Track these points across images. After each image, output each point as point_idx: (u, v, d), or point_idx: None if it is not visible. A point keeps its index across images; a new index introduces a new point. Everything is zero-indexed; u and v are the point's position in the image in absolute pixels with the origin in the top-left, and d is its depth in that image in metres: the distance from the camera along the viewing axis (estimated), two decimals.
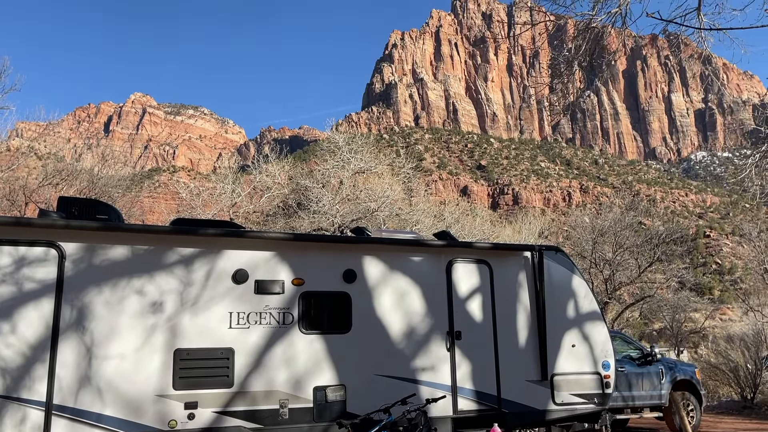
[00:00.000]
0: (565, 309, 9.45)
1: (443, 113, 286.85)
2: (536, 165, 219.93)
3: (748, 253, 49.51)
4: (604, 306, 35.66)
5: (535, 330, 9.13)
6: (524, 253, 9.56)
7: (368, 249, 8.73)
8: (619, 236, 37.45)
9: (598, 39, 11.11)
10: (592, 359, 9.25)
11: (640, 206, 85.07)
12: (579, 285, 9.63)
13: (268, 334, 7.88)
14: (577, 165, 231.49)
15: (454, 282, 9.01)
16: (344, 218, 28.64)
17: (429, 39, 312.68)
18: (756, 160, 12.12)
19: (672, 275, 42.14)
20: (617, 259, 36.95)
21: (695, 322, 58.28)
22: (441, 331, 8.75)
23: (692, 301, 54.60)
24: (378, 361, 8.36)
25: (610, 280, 36.52)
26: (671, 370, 14.32)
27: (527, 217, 55.71)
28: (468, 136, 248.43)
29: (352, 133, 40.67)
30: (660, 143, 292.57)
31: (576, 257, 39.53)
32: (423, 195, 45.92)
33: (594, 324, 9.48)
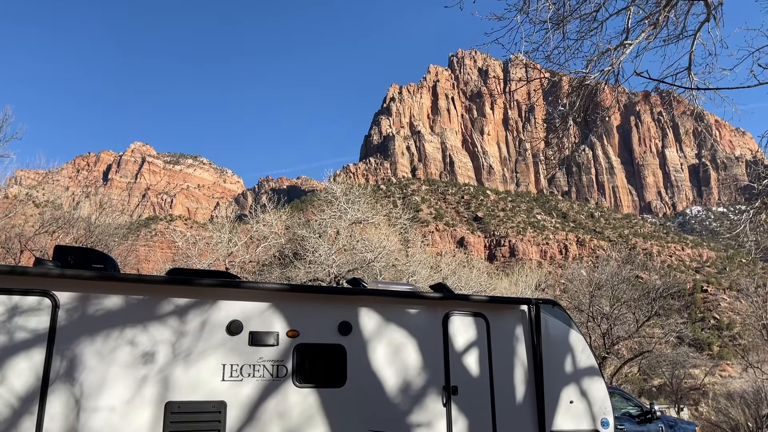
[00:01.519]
0: (562, 364, 9.33)
1: (440, 165, 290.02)
2: (532, 217, 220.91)
3: (746, 309, 49.28)
4: (602, 361, 35.22)
5: (532, 385, 8.99)
6: (521, 306, 9.51)
7: (364, 301, 8.68)
8: (617, 290, 37.32)
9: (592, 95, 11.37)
10: (591, 416, 9.08)
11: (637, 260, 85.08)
12: (576, 339, 9.54)
13: (262, 387, 7.74)
14: (573, 218, 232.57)
15: (450, 335, 8.92)
16: (340, 268, 28.56)
17: (426, 93, 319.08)
18: (750, 216, 12.23)
19: (670, 330, 41.83)
20: (615, 313, 36.70)
21: (695, 378, 57.50)
22: (437, 385, 8.61)
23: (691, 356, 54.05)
24: (373, 416, 8.19)
25: (607, 335, 36.18)
26: (672, 428, 14.07)
27: (524, 270, 55.63)
28: (464, 188, 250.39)
29: (349, 184, 40.97)
30: (655, 197, 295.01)
31: (573, 311, 39.28)
32: (419, 246, 45.93)
33: (592, 380, 9.34)
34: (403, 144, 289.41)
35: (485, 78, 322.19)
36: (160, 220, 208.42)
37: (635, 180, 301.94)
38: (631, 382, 52.32)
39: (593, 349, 34.60)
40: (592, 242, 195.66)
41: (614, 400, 14.13)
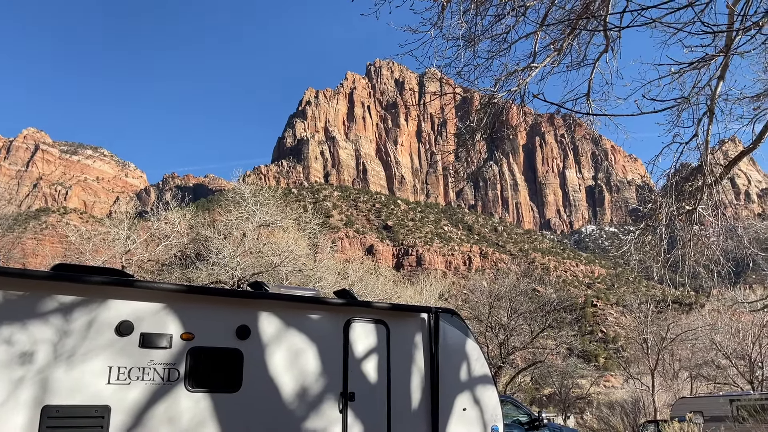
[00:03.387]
0: (458, 372, 9.57)
1: (353, 172, 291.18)
2: (440, 228, 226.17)
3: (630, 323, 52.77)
4: (497, 370, 36.48)
5: (428, 393, 9.15)
6: (421, 314, 9.67)
7: (264, 305, 8.52)
8: (515, 302, 38.73)
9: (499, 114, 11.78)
10: (482, 423, 9.36)
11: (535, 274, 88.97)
12: (472, 349, 9.81)
13: (151, 392, 7.40)
14: (478, 231, 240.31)
15: (351, 342, 8.93)
16: (245, 271, 27.93)
17: (343, 99, 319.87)
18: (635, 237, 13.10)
19: (562, 342, 43.84)
20: (512, 324, 38.08)
21: (582, 388, 60.79)
22: (335, 391, 8.58)
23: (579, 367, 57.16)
24: (268, 421, 8.05)
25: (504, 345, 37.50)
26: None
27: (429, 279, 56.70)
28: (376, 196, 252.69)
29: (259, 185, 40.18)
30: (554, 215, 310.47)
31: (473, 321, 40.50)
32: (328, 252, 45.79)
33: (485, 388, 9.64)
34: (317, 149, 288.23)
35: (401, 89, 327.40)
36: (52, 212, 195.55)
37: (537, 197, 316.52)
38: (524, 390, 54.55)
39: (488, 358, 35.83)
40: (494, 255, 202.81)
41: (507, 408, 14.68)
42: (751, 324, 41.25)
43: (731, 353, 41.63)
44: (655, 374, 40.95)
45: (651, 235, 12.38)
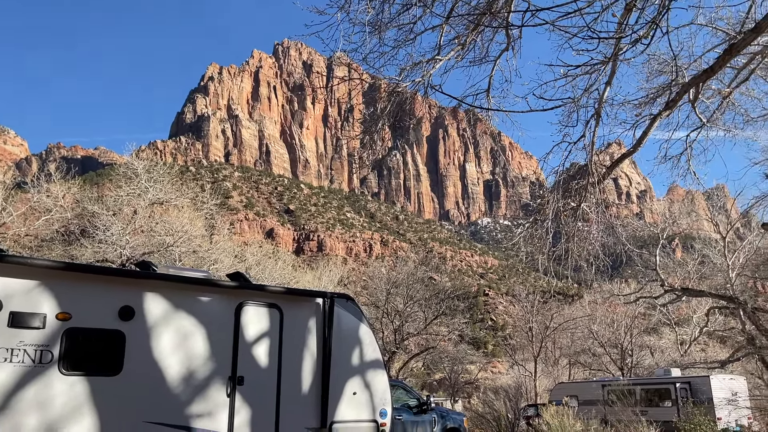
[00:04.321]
0: (350, 357, 9.66)
1: (256, 153, 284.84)
2: (342, 215, 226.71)
3: (518, 312, 55.53)
4: (391, 355, 37.22)
5: (319, 377, 9.17)
6: (316, 299, 9.65)
7: (151, 285, 8.17)
8: (411, 289, 39.60)
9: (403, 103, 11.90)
10: (371, 407, 9.51)
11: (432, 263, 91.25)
12: (365, 334, 9.93)
13: (20, 374, 6.91)
14: (380, 219, 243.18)
15: (242, 325, 8.77)
16: (135, 251, 26.65)
17: (248, 78, 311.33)
18: (525, 230, 13.72)
19: (454, 329, 45.30)
20: (407, 311, 38.93)
21: (470, 373, 63.32)
22: (223, 375, 8.41)
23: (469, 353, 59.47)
24: (150, 406, 7.75)
25: (399, 331, 38.27)
26: (443, 418, 15.31)
27: (329, 265, 56.75)
28: (279, 179, 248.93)
29: (155, 161, 38.37)
30: (454, 206, 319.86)
31: (370, 307, 41.00)
32: (226, 234, 44.62)
33: (376, 373, 9.80)
34: (218, 126, 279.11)
35: (309, 72, 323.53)
36: None
37: (438, 188, 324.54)
38: (416, 376, 56.12)
39: (383, 344, 36.45)
40: (395, 243, 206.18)
41: (397, 392, 15.00)
42: (624, 315, 44.67)
43: (606, 342, 44.91)
44: (537, 361, 43.43)
45: (539, 228, 13.03)
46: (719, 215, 36.35)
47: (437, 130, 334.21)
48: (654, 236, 32.97)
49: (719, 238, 29.95)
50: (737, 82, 13.41)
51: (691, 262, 36.17)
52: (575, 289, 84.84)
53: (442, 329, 44.63)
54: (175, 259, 27.44)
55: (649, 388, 28.02)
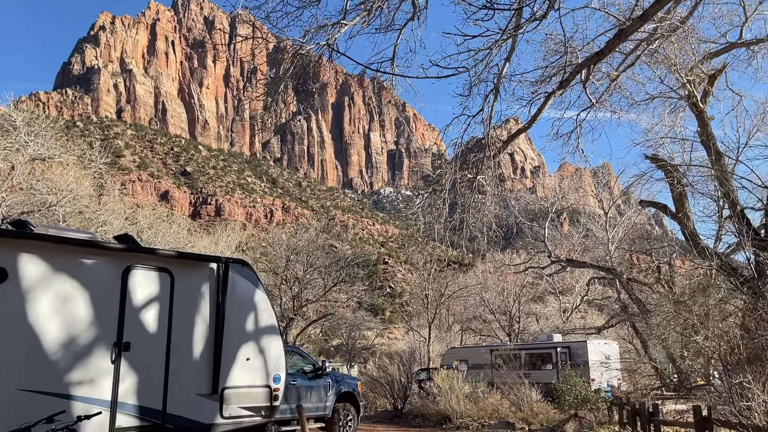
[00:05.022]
0: (244, 323, 9.52)
1: (151, 111, 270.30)
2: (243, 179, 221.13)
3: (415, 280, 57.06)
4: (289, 322, 37.15)
5: (211, 343, 8.98)
6: (210, 264, 9.39)
7: (27, 246, 7.59)
8: (312, 256, 39.50)
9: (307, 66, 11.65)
10: (265, 373, 9.46)
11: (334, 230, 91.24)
12: (261, 300, 9.80)
13: None
14: (282, 185, 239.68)
15: (129, 289, 8.38)
16: (12, 209, 24.68)
17: (143, 30, 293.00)
18: (423, 200, 14.00)
19: (353, 296, 45.85)
20: (307, 278, 38.89)
21: (367, 339, 64.59)
22: (108, 341, 8.03)
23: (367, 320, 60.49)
24: (25, 374, 7.27)
25: (297, 297, 38.19)
26: (338, 383, 15.53)
27: (227, 230, 55.36)
28: (175, 139, 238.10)
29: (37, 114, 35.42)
30: (357, 175, 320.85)
31: (269, 273, 40.56)
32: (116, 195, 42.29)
33: (270, 338, 9.73)
34: (110, 80, 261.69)
35: (210, 28, 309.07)
36: None
37: (342, 156, 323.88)
38: (314, 342, 56.44)
39: (282, 310, 36.28)
40: (296, 210, 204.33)
41: (294, 358, 15.01)
42: (514, 284, 47.05)
43: (496, 309, 47.20)
44: (432, 327, 44.99)
45: (437, 199, 13.34)
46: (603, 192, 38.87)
47: (343, 97, 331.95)
48: (544, 210, 34.75)
49: (602, 214, 32.01)
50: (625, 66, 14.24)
51: (576, 235, 38.52)
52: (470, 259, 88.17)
53: (342, 296, 45.01)
54: (58, 219, 25.71)
55: (533, 353, 29.83)
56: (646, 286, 26.97)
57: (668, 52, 15.24)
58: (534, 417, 19.35)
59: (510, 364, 26.01)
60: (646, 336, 24.04)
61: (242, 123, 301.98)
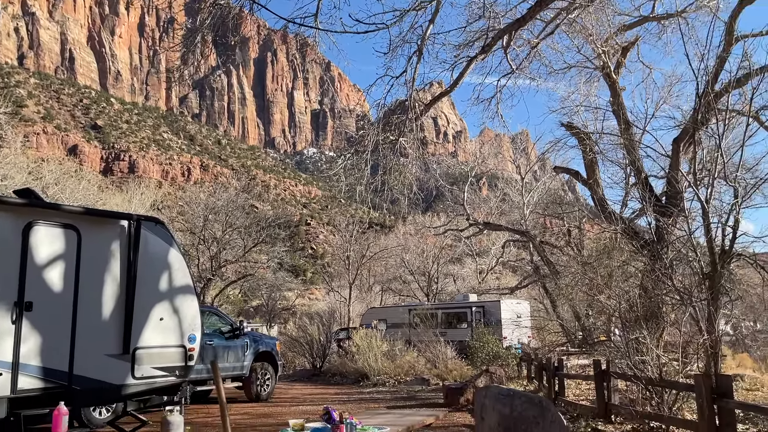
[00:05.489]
0: (158, 282, 9.23)
1: (57, 59, 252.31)
2: (158, 135, 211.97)
3: (337, 242, 57.23)
4: (207, 282, 36.50)
5: (122, 302, 8.67)
6: (121, 221, 8.99)
7: None
8: (231, 216, 38.79)
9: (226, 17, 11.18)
10: (179, 332, 9.26)
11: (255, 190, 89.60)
12: (175, 259, 9.51)
13: None
14: (201, 142, 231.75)
15: (31, 247, 7.91)
16: None
17: None
18: (345, 161, 13.92)
19: (274, 257, 45.51)
20: (226, 238, 38.22)
21: (288, 300, 64.55)
22: (7, 301, 7.58)
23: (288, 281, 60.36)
24: None
25: (216, 258, 37.51)
26: (256, 342, 15.48)
27: (141, 188, 53.17)
28: (85, 90, 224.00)
29: None
30: (279, 134, 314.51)
31: (186, 233, 39.50)
32: (18, 148, 39.55)
33: (185, 298, 9.50)
34: (10, 23, 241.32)
35: None
36: None
37: (264, 115, 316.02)
38: (233, 303, 55.82)
39: (197, 271, 35.50)
40: (216, 168, 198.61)
41: (211, 318, 14.80)
42: (433, 246, 48.16)
43: (415, 270, 48.27)
44: (353, 288, 45.46)
45: (359, 160, 13.32)
46: (521, 158, 40.09)
47: (265, 53, 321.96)
48: (464, 174, 35.51)
49: (519, 179, 33.07)
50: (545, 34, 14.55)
51: (494, 200, 39.67)
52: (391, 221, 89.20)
53: (262, 257, 44.57)
54: None
55: (449, 312, 30.81)
56: (557, 249, 28.30)
57: (586, 22, 15.70)
58: (448, 373, 20.09)
59: (427, 323, 26.77)
60: (555, 296, 25.31)
61: (158, 76, 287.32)
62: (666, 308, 14.91)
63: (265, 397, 15.61)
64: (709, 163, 14.10)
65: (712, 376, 8.44)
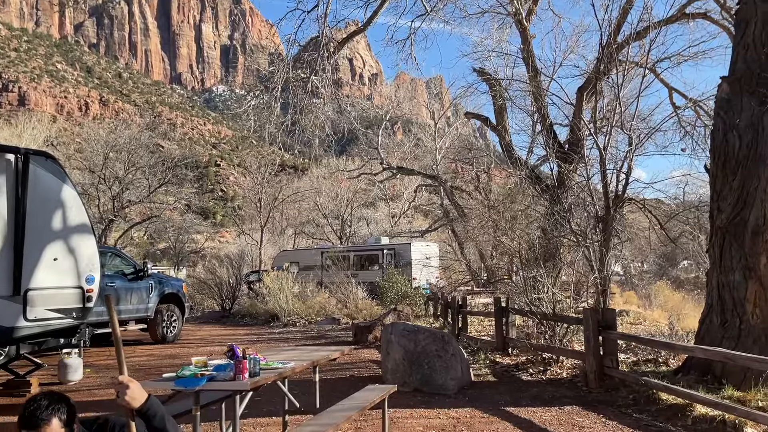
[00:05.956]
0: (50, 220, 8.68)
1: None
2: (52, 65, 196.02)
3: (248, 184, 56.03)
4: (109, 223, 34.94)
5: (10, 241, 8.10)
6: (6, 155, 8.30)
7: None
8: (134, 155, 37.05)
9: None
10: (76, 273, 8.83)
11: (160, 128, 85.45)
12: (70, 196, 8.96)
13: None
14: (100, 75, 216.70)
15: None
16: None
17: None
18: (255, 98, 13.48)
19: (181, 198, 44.11)
20: (129, 178, 36.56)
21: (197, 243, 63.06)
22: None
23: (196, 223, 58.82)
24: None
25: (118, 198, 35.88)
26: (161, 284, 15.07)
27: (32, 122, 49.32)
28: None
29: None
30: (186, 70, 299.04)
31: (84, 171, 37.31)
32: None
33: (82, 238, 9.02)
34: None
35: None
36: None
37: (170, 48, 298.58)
38: (138, 245, 53.90)
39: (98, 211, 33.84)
40: (117, 104, 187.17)
41: (114, 260, 14.20)
42: (347, 189, 48.21)
43: (329, 213, 48.28)
44: (264, 231, 44.95)
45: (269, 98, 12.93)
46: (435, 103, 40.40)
47: None
48: (379, 118, 35.43)
49: (432, 124, 33.40)
50: None
51: (407, 144, 39.98)
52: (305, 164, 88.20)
53: (169, 198, 43.07)
54: None
55: (361, 254, 31.23)
56: (466, 193, 29.13)
57: None
58: (358, 313, 20.52)
59: (339, 265, 27.04)
60: (463, 238, 26.20)
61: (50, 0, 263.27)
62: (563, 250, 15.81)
63: (172, 339, 15.36)
64: (609, 113, 14.80)
65: (598, 310, 9.10)
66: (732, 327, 7.67)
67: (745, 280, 7.56)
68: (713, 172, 8.29)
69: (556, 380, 9.13)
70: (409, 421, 6.85)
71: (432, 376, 8.70)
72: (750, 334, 7.46)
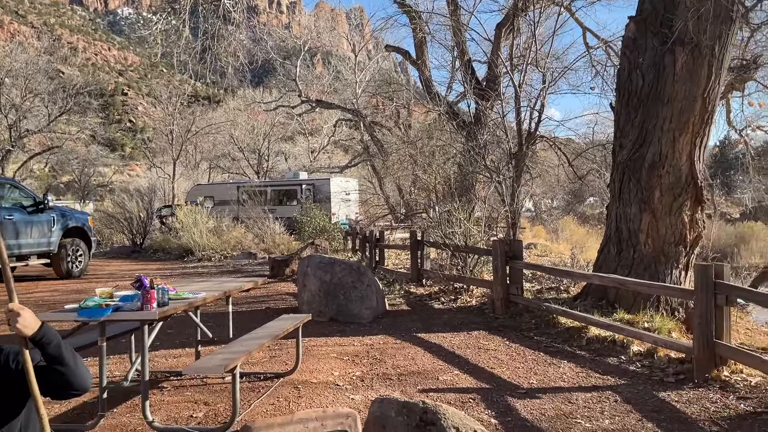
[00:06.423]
0: None
1: None
2: None
3: (159, 114, 53.40)
4: (6, 154, 32.73)
5: None
6: None
7: None
8: (32, 81, 34.68)
9: None
10: None
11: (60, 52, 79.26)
12: None
13: None
14: None
15: None
16: None
17: None
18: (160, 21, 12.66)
19: (84, 128, 41.70)
20: (26, 105, 34.23)
21: (104, 176, 60.05)
22: None
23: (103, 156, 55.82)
24: None
25: (15, 127, 33.51)
26: (64, 217, 14.32)
27: None
28: None
29: None
30: None
31: None
32: None
33: None
34: None
35: None
36: None
37: None
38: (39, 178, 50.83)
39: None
40: (12, 25, 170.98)
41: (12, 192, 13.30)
42: (264, 123, 46.92)
43: (245, 147, 47.01)
44: (177, 164, 43.28)
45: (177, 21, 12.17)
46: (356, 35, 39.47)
47: None
48: (298, 49, 34.27)
49: (353, 57, 32.74)
50: None
51: (327, 77, 39.10)
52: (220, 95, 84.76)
53: (71, 128, 40.57)
54: None
55: (279, 189, 30.82)
56: (386, 129, 29.09)
57: None
58: (276, 247, 20.43)
59: (256, 200, 26.62)
60: (382, 174, 26.33)
61: None
62: (478, 185, 16.25)
63: (78, 274, 14.76)
64: (525, 50, 15.02)
65: (507, 241, 9.50)
66: (627, 256, 8.23)
67: (640, 212, 8.08)
68: (617, 110, 8.67)
69: (466, 308, 9.55)
70: (324, 348, 7.00)
71: (347, 306, 8.87)
72: (642, 262, 8.05)
